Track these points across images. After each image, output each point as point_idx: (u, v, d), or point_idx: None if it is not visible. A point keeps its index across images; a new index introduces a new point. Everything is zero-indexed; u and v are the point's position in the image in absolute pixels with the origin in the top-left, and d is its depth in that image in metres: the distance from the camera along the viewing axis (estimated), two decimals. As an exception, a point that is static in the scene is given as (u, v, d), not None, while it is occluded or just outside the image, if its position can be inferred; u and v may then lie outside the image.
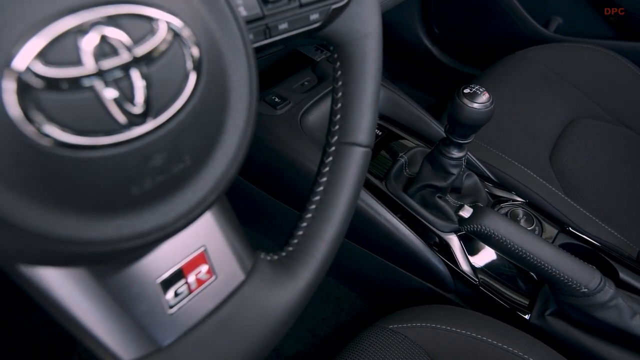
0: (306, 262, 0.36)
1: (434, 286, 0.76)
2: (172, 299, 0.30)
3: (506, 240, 0.61)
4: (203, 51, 0.25)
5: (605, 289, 0.59)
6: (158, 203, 0.25)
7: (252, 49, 0.28)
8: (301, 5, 0.35)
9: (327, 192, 0.39)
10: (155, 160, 0.24)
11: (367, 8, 0.39)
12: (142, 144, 0.23)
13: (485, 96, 0.63)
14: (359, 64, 0.39)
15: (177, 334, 0.30)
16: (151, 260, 0.30)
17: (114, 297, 0.28)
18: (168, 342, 0.30)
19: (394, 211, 0.74)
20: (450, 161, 0.71)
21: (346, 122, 0.39)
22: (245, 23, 0.28)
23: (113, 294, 0.28)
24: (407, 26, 1.47)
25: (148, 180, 0.24)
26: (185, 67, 0.24)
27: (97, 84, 0.21)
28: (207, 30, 0.25)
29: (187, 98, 0.24)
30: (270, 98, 0.80)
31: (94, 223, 0.23)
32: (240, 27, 0.27)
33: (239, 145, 0.28)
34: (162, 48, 0.23)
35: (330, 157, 0.40)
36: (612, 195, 0.88)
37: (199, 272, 0.32)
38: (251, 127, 0.28)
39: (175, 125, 0.24)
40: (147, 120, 0.23)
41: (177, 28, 0.23)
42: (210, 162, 0.27)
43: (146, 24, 0.22)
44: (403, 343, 0.63)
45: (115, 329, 0.28)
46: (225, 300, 0.32)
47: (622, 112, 1.06)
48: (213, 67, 0.25)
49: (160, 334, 0.30)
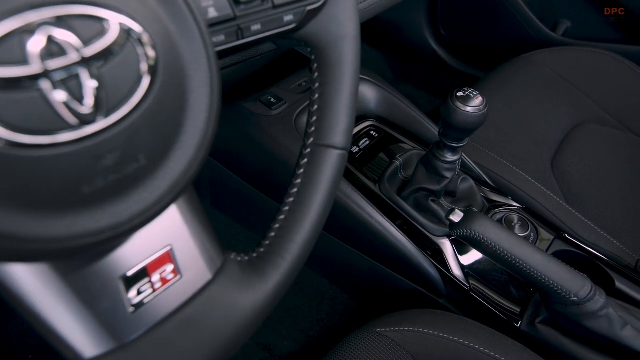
0: (276, 263, 0.36)
1: (426, 290, 0.75)
2: (134, 297, 0.30)
3: (496, 246, 0.61)
4: (159, 52, 0.25)
5: (595, 298, 0.57)
6: (111, 202, 0.25)
7: (213, 49, 0.28)
8: (274, 7, 0.35)
9: (300, 194, 0.39)
10: (107, 159, 0.24)
11: (344, 10, 0.38)
12: (92, 143, 0.23)
13: (479, 100, 0.62)
14: (335, 66, 0.39)
15: (139, 332, 0.30)
16: (115, 257, 0.30)
17: (76, 293, 0.28)
18: (129, 340, 0.30)
19: (387, 214, 0.74)
20: (444, 165, 0.70)
21: (322, 124, 0.39)
22: (206, 24, 0.28)
23: (75, 290, 0.28)
24: (414, 27, 1.46)
25: (100, 179, 0.24)
26: (139, 67, 0.24)
27: (43, 83, 0.21)
28: (165, 31, 0.25)
29: (140, 98, 0.24)
30: (266, 98, 0.80)
31: (44, 220, 0.23)
32: (200, 28, 0.27)
33: (198, 146, 0.28)
34: (113, 48, 0.23)
35: (305, 159, 0.40)
36: (615, 203, 0.87)
37: (163, 271, 0.32)
38: (212, 128, 0.28)
39: (129, 125, 0.24)
40: (97, 119, 0.23)
41: (130, 29, 0.23)
42: (168, 163, 0.27)
43: (97, 24, 0.22)
44: (389, 347, 0.62)
45: (76, 325, 0.29)
46: (190, 300, 0.33)
47: (629, 118, 1.04)
48: (171, 68, 0.26)
49: (122, 332, 0.30)
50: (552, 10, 1.27)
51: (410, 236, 0.73)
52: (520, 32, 1.30)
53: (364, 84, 0.87)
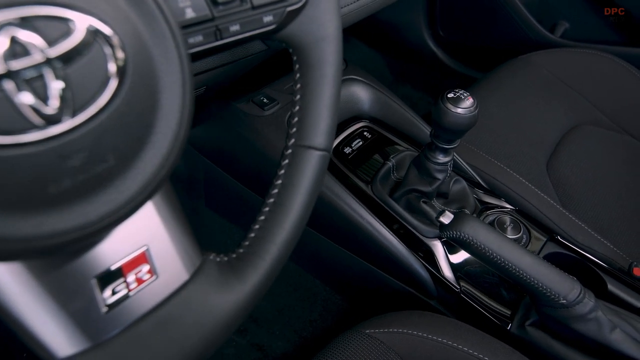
0: (254, 264, 0.36)
1: (417, 291, 0.75)
2: (109, 297, 0.30)
3: (485, 248, 0.60)
4: (128, 52, 0.25)
5: (584, 301, 0.57)
6: (79, 202, 0.25)
7: (186, 50, 0.28)
8: (254, 7, 0.35)
9: (281, 195, 0.39)
10: (75, 159, 0.24)
11: (324, 11, 0.38)
12: (58, 144, 0.23)
13: (469, 101, 0.62)
14: (316, 67, 0.39)
15: (113, 332, 0.30)
16: (90, 257, 0.30)
17: (49, 292, 0.28)
18: (103, 339, 0.30)
19: (378, 215, 0.74)
20: (436, 166, 0.70)
21: (303, 125, 0.39)
22: (179, 24, 0.28)
23: (48, 289, 0.28)
24: (412, 28, 1.46)
25: (67, 180, 0.24)
26: (107, 68, 0.24)
27: (7, 84, 0.21)
28: (134, 31, 0.25)
29: (109, 99, 0.24)
30: (259, 99, 0.80)
31: (10, 220, 0.23)
32: (172, 28, 0.27)
33: (170, 147, 0.28)
34: (79, 49, 0.23)
35: (286, 160, 0.40)
36: (610, 205, 0.86)
37: (139, 271, 0.32)
38: (185, 128, 0.28)
39: (97, 125, 0.24)
40: (63, 120, 0.23)
41: (97, 29, 0.23)
42: (138, 163, 0.27)
43: (62, 25, 0.22)
44: (378, 348, 0.62)
45: (49, 324, 0.29)
46: (166, 300, 0.33)
47: (626, 120, 1.04)
48: (140, 69, 0.26)
49: (96, 331, 0.30)
50: (550, 11, 1.27)
51: (402, 237, 0.73)
52: (518, 34, 1.30)
53: (357, 84, 0.87)
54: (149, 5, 0.26)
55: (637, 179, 0.92)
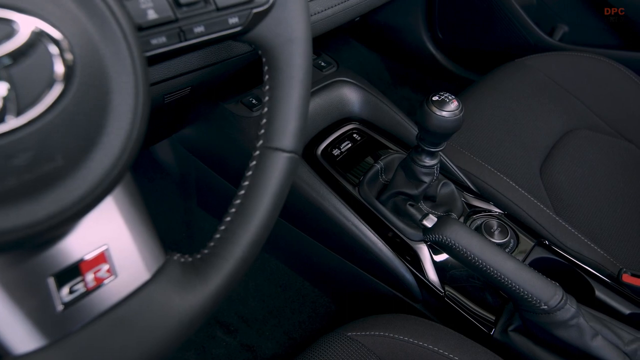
0: (218, 265, 0.36)
1: (402, 295, 0.75)
2: (66, 295, 0.31)
3: (467, 252, 0.60)
4: (76, 53, 0.25)
5: (566, 307, 0.56)
6: (26, 201, 0.25)
7: (140, 51, 0.28)
8: (218, 9, 0.35)
9: (247, 197, 0.39)
10: (20, 158, 0.24)
11: (292, 12, 0.38)
12: (2, 143, 0.23)
13: (454, 104, 0.62)
14: (284, 69, 0.39)
15: (69, 330, 0.31)
16: (47, 256, 0.30)
17: (4, 289, 0.29)
18: (59, 337, 0.30)
19: (364, 217, 0.73)
20: (422, 169, 0.69)
21: (271, 127, 0.39)
22: (132, 25, 0.28)
23: (3, 286, 0.29)
24: (411, 31, 1.45)
25: (12, 178, 0.24)
26: (53, 68, 0.24)
27: None
28: (83, 32, 0.26)
29: (55, 98, 0.24)
30: (248, 100, 0.80)
31: None
32: (123, 29, 0.27)
33: (122, 147, 0.28)
34: (24, 50, 0.23)
35: (254, 162, 0.40)
36: (603, 210, 0.85)
37: (98, 270, 0.32)
38: (138, 129, 0.29)
39: (43, 125, 0.24)
40: (6, 119, 0.23)
41: (42, 30, 0.24)
42: (88, 163, 0.27)
43: (5, 26, 0.23)
44: (359, 351, 0.62)
45: (5, 322, 0.29)
46: (125, 299, 0.33)
47: (623, 124, 1.02)
48: (90, 69, 0.26)
49: (52, 330, 0.30)
50: (549, 15, 1.26)
51: (388, 240, 0.73)
52: (517, 37, 1.29)
53: (347, 86, 0.87)
54: (99, 7, 0.26)
55: (632, 184, 0.91)
